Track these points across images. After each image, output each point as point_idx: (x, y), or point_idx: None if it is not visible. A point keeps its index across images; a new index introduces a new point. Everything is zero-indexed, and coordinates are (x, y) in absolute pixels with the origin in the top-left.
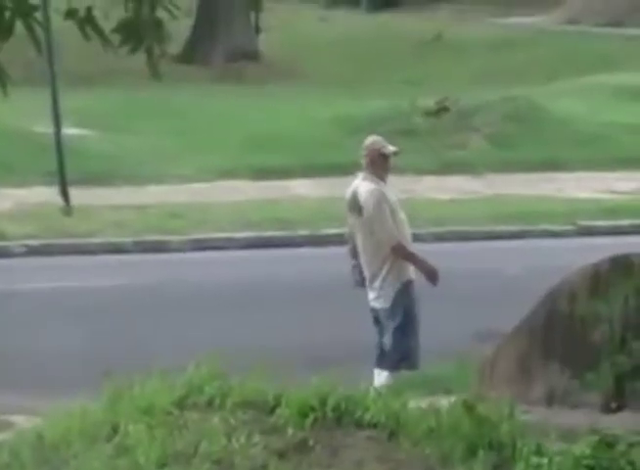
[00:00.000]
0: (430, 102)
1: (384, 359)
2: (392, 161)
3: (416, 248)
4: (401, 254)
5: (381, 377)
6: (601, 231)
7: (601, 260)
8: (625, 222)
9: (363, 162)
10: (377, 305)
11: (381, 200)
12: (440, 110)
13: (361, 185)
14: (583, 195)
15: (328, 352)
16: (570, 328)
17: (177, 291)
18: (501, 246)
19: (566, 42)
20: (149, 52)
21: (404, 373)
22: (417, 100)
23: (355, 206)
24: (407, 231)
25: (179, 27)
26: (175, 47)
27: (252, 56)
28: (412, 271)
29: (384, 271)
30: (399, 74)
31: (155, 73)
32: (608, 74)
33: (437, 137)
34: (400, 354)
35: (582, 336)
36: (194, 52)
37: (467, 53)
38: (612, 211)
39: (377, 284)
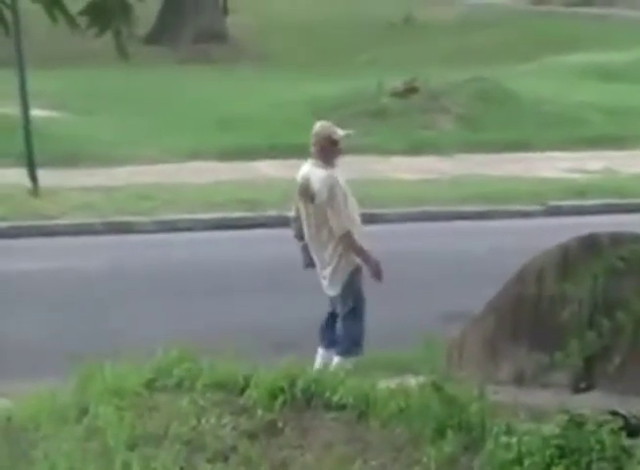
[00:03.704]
0: (398, 83)
1: (336, 344)
2: (359, 141)
3: (382, 228)
4: (348, 244)
5: (334, 362)
6: (569, 211)
7: (569, 240)
8: (594, 202)
9: (312, 149)
10: (329, 292)
11: (334, 187)
12: (409, 90)
13: (313, 172)
14: (552, 175)
15: (296, 334)
16: (538, 308)
17: (146, 272)
18: (469, 226)
19: (534, 22)
20: (116, 34)
21: (371, 354)
22: (385, 81)
23: (307, 193)
24: (357, 214)
25: (147, 9)
26: (143, 29)
27: (220, 37)
28: None
29: (335, 258)
30: (369, 56)
31: (122, 55)
32: (576, 54)
33: (406, 118)
34: (351, 340)
35: (551, 316)
36: (162, 33)
37: (436, 34)
38: (580, 190)
39: (328, 271)
